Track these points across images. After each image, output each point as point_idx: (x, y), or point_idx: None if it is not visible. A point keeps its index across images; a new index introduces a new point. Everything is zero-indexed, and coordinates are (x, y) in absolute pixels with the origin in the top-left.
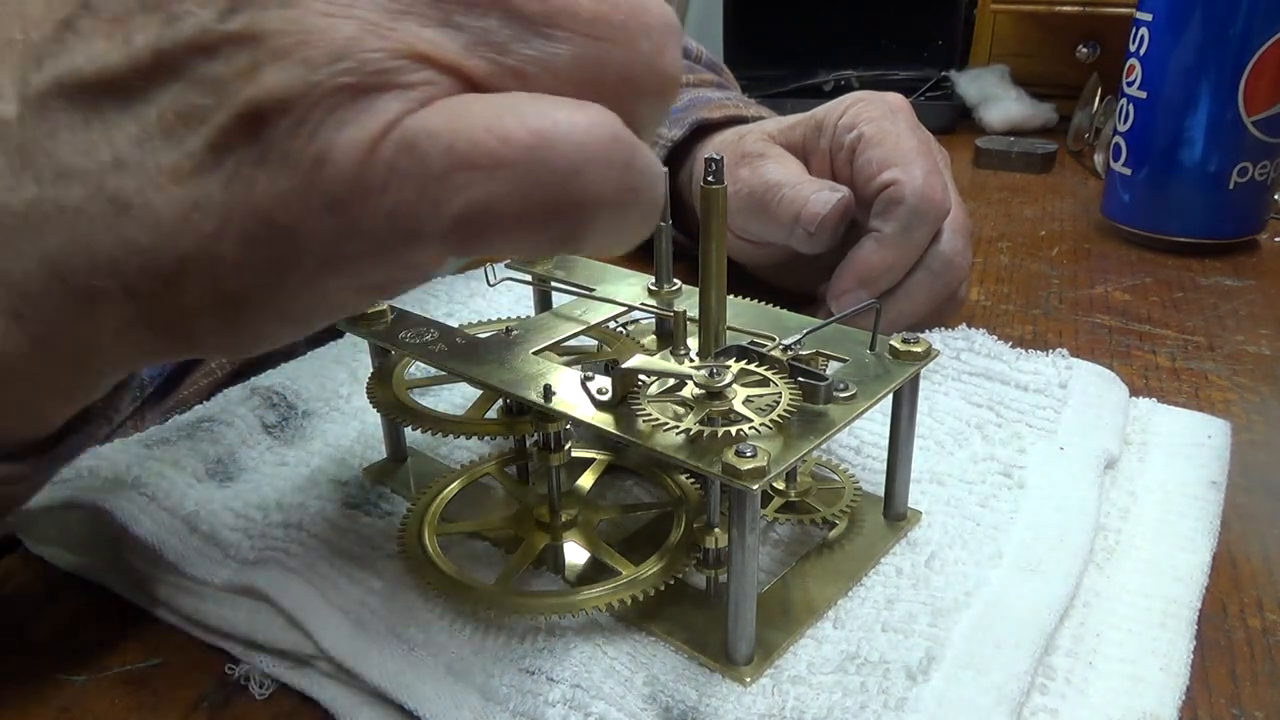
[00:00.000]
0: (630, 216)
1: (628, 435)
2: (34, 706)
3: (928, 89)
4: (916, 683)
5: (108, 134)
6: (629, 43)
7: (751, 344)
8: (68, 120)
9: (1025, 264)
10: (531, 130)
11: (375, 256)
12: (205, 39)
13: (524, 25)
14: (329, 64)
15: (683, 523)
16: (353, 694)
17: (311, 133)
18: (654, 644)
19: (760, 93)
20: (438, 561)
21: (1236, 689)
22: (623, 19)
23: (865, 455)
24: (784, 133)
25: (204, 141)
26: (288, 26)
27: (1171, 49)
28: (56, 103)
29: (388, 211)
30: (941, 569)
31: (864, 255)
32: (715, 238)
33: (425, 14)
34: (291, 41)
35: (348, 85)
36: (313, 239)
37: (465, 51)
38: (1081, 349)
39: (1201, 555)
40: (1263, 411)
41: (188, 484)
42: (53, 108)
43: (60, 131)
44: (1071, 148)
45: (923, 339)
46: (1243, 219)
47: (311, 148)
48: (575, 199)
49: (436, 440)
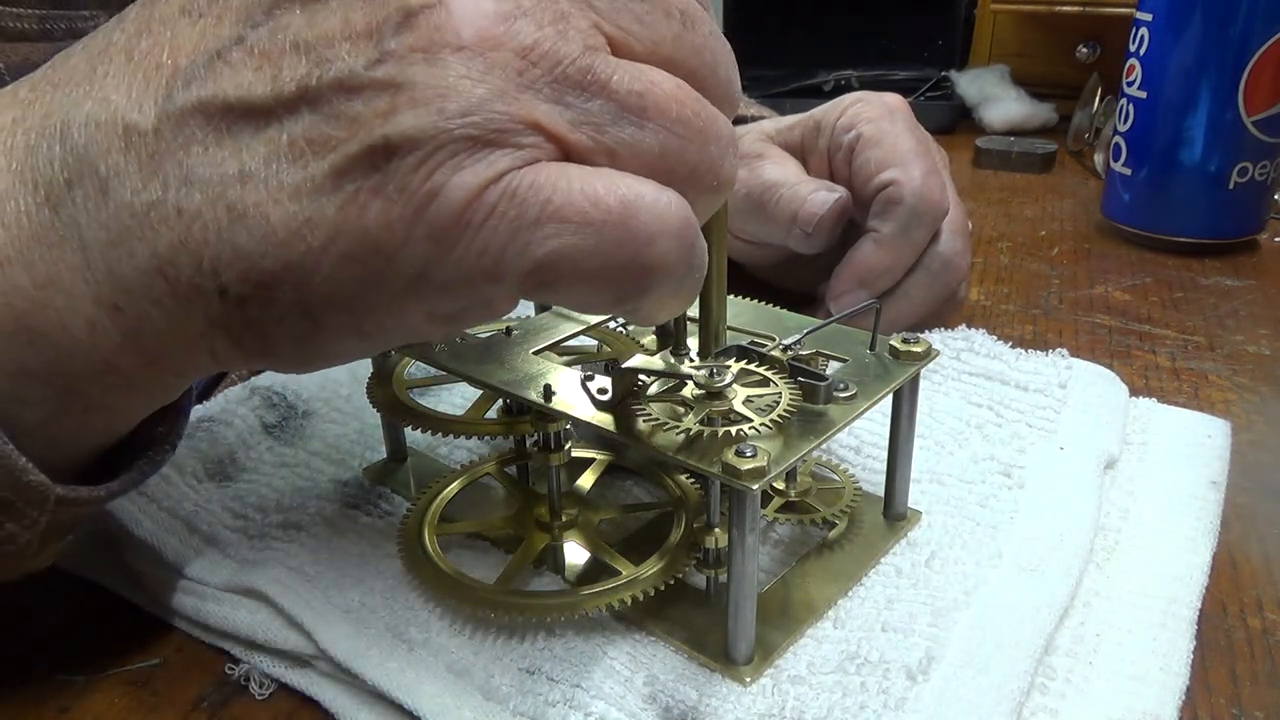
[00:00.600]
0: (683, 290)
1: (628, 435)
2: (34, 706)
3: (928, 89)
4: (916, 682)
5: (238, 151)
6: (702, 144)
7: (751, 344)
8: (202, 136)
9: (1025, 264)
10: (619, 198)
11: (457, 288)
12: (351, 82)
13: (622, 113)
14: (460, 116)
15: (683, 523)
16: (353, 694)
17: (431, 171)
18: (654, 644)
19: (760, 93)
20: (438, 561)
21: (1236, 689)
22: (701, 125)
23: (865, 455)
24: (782, 133)
25: (330, 167)
26: (431, 81)
27: (1171, 49)
28: (195, 120)
29: (480, 249)
30: (941, 569)
31: (862, 256)
32: (715, 237)
33: (544, 91)
34: (431, 94)
35: (472, 136)
36: (407, 265)
37: (571, 126)
38: (1081, 349)
39: (1201, 555)
40: (1263, 411)
41: (188, 484)
42: (191, 124)
43: (194, 145)
44: (1071, 148)
45: (923, 339)
46: (1243, 219)
47: (428, 184)
48: (645, 264)
49: (436, 440)
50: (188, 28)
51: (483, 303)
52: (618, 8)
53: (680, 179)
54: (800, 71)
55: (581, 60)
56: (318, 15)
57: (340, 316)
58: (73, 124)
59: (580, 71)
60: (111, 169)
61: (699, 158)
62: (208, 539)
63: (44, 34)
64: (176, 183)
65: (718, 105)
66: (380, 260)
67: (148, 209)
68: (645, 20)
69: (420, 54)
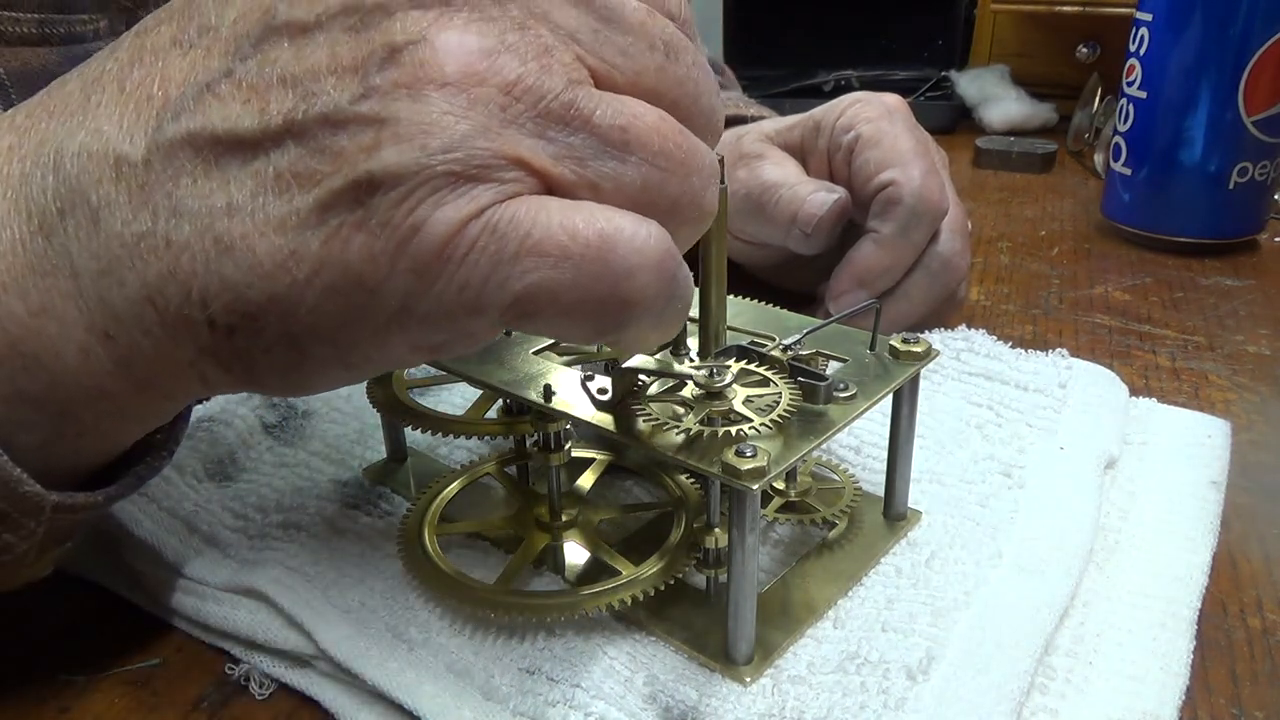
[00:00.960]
0: (664, 321)
1: (628, 435)
2: (34, 706)
3: (928, 89)
4: (916, 682)
5: (225, 184)
6: (684, 176)
7: (751, 344)
8: (191, 168)
9: (1025, 264)
10: (598, 232)
11: (439, 320)
12: (336, 116)
13: (605, 146)
14: (442, 152)
15: (683, 523)
16: (353, 694)
17: (413, 206)
18: (654, 644)
19: (760, 93)
20: (438, 561)
21: (1236, 689)
22: (683, 157)
23: (865, 455)
24: (782, 133)
25: (314, 201)
26: (414, 117)
27: (1171, 49)
28: (185, 152)
29: (461, 283)
30: (941, 569)
31: (862, 256)
32: (715, 238)
33: (527, 126)
34: (414, 129)
35: (454, 172)
36: (390, 298)
37: (554, 161)
38: (1081, 349)
39: (1201, 555)
40: (1263, 411)
41: (188, 484)
42: (180, 156)
43: (182, 177)
44: (1071, 148)
45: (923, 339)
46: (1243, 219)
47: (410, 219)
48: (623, 297)
49: (436, 440)
50: (178, 58)
51: (465, 334)
52: (601, 40)
53: (662, 210)
54: (800, 71)
55: (564, 95)
56: (305, 49)
57: (325, 348)
58: (66, 153)
59: (563, 106)
60: (103, 199)
61: (680, 189)
62: (208, 539)
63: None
64: (166, 214)
65: (700, 135)
66: (364, 293)
67: (138, 239)
68: (628, 52)
69: (404, 90)
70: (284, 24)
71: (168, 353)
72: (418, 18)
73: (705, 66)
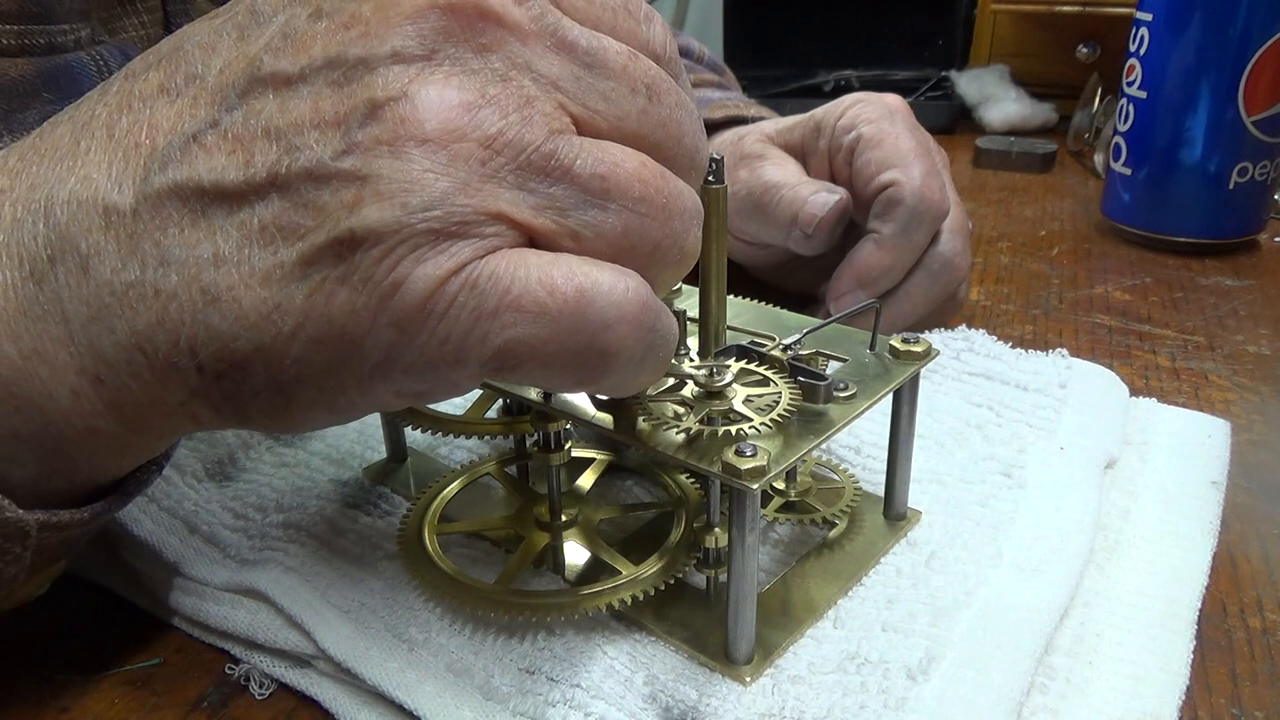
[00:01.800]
0: (644, 369)
1: (628, 435)
2: (34, 706)
3: (928, 89)
4: (916, 683)
5: (212, 234)
6: (665, 221)
7: (751, 344)
8: (178, 218)
9: (1025, 264)
10: (576, 286)
11: (423, 371)
12: (319, 171)
13: (585, 196)
14: (422, 210)
15: (683, 523)
16: (353, 694)
17: (395, 263)
18: (654, 644)
19: (760, 93)
20: (438, 561)
21: (1236, 689)
22: (664, 201)
23: (865, 455)
24: (782, 134)
25: (298, 254)
26: (395, 175)
27: (1171, 49)
28: (172, 202)
29: (442, 337)
30: (941, 569)
31: (863, 256)
32: (715, 238)
33: (508, 179)
34: (395, 187)
35: (434, 229)
36: (373, 350)
37: (534, 212)
38: (1081, 349)
39: (1201, 555)
40: (1263, 411)
41: (187, 484)
42: (167, 206)
43: (170, 227)
44: (1071, 148)
45: (923, 339)
46: (1243, 219)
47: (392, 275)
48: (601, 349)
49: (436, 440)
50: (165, 106)
51: (448, 384)
52: (584, 87)
53: (644, 255)
54: (800, 71)
55: (545, 146)
56: (289, 101)
57: (311, 394)
58: (56, 200)
59: (543, 158)
60: (92, 248)
61: (661, 234)
62: (208, 539)
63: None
64: (154, 263)
65: (683, 175)
66: (347, 345)
67: (126, 288)
68: (611, 98)
69: (385, 146)
70: (269, 75)
71: (158, 395)
72: (399, 73)
73: (688, 105)
